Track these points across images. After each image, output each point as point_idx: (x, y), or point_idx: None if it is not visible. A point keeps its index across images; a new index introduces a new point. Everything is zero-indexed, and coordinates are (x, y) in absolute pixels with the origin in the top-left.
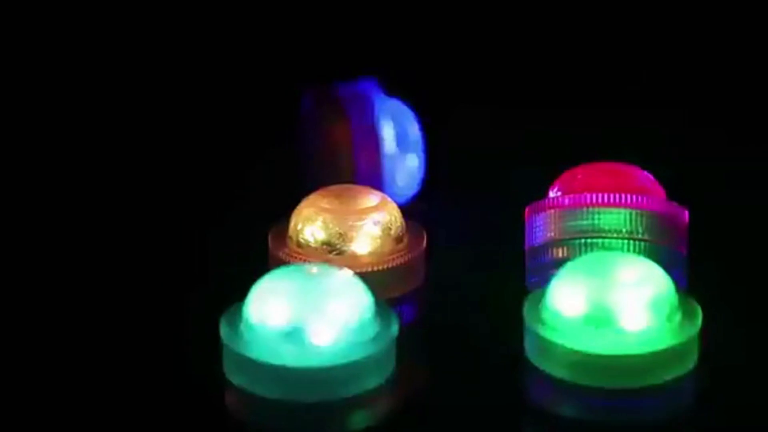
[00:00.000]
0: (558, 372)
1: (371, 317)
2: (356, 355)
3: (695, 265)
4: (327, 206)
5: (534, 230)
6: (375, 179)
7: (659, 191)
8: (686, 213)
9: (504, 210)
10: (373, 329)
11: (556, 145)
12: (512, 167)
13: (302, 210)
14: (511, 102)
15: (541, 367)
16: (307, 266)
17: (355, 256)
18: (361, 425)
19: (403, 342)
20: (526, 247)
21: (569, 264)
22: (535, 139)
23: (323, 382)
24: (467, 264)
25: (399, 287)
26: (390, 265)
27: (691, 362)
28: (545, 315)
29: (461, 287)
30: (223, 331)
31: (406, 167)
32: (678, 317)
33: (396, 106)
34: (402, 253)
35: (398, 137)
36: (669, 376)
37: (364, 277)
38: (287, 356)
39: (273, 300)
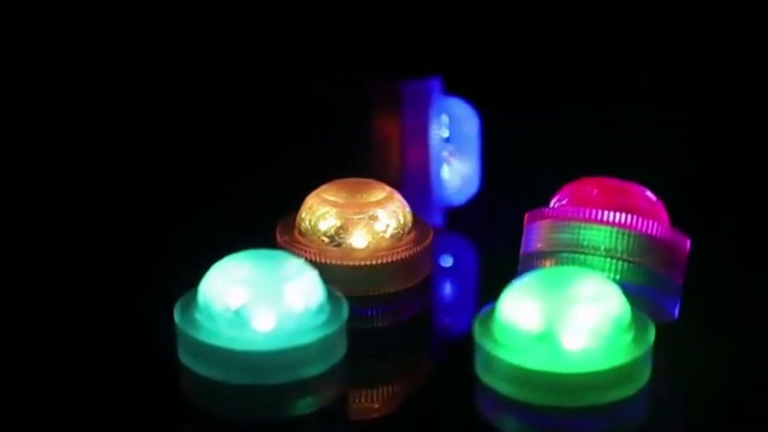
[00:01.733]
0: (501, 387)
1: (319, 306)
2: (295, 342)
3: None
4: (330, 198)
5: (528, 238)
6: (423, 178)
7: (661, 216)
8: (687, 242)
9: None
10: (319, 318)
11: (584, 153)
12: (529, 171)
13: (308, 200)
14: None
15: (486, 382)
16: (263, 252)
17: (351, 249)
18: (306, 411)
19: (373, 336)
20: (521, 253)
21: (521, 278)
22: (565, 144)
23: (263, 367)
24: (467, 266)
25: (393, 284)
26: (383, 261)
27: (639, 384)
28: (494, 329)
29: (455, 289)
30: (177, 313)
31: (461, 169)
32: (628, 337)
33: (456, 106)
34: (398, 250)
35: (454, 138)
36: (615, 397)
37: (359, 271)
38: (228, 339)
39: (221, 283)
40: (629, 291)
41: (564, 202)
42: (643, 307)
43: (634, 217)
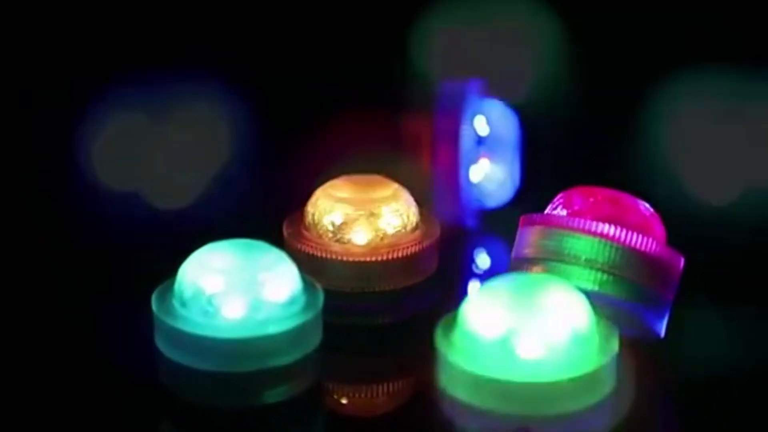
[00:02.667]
0: (458, 393)
1: (293, 297)
2: (264, 331)
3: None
4: (336, 193)
5: (519, 242)
6: (453, 180)
7: (653, 230)
8: (681, 259)
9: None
10: (293, 308)
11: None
12: (568, 174)
13: (316, 194)
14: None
15: (445, 387)
16: (242, 241)
17: (352, 245)
18: (276, 400)
19: (361, 332)
20: (511, 257)
21: (485, 284)
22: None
23: (233, 355)
24: (467, 267)
25: (390, 282)
26: (380, 258)
27: (600, 394)
28: (455, 334)
29: (457, 289)
30: (154, 300)
31: (496, 172)
32: (589, 348)
33: (495, 109)
34: (397, 248)
35: (491, 141)
36: (574, 407)
37: (356, 267)
38: (199, 326)
39: (196, 270)
40: (609, 303)
41: (558, 208)
42: (625, 322)
43: (618, 228)
